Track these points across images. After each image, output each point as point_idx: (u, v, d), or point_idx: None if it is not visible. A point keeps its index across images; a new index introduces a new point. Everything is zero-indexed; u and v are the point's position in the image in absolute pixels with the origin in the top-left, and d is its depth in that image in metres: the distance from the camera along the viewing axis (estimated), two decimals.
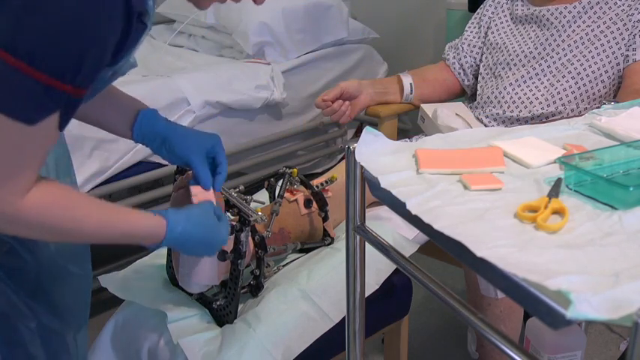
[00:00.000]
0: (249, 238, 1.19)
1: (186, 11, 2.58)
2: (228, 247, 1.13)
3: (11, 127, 0.68)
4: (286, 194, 1.35)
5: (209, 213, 0.99)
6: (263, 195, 1.44)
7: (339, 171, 1.46)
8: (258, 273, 1.23)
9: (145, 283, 1.29)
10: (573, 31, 1.65)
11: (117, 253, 2.09)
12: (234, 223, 1.13)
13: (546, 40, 1.67)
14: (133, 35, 0.74)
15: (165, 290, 1.28)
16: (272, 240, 1.29)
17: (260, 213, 1.15)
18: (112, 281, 1.29)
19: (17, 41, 0.66)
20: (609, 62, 1.60)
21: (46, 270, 0.93)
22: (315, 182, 1.39)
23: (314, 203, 1.35)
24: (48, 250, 0.94)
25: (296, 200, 1.35)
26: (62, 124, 0.73)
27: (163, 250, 1.37)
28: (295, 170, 1.37)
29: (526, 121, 1.65)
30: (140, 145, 1.92)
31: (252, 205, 1.25)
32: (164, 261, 1.33)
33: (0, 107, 0.67)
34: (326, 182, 1.39)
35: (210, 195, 1.08)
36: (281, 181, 1.37)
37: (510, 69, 1.71)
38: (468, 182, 0.83)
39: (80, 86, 0.70)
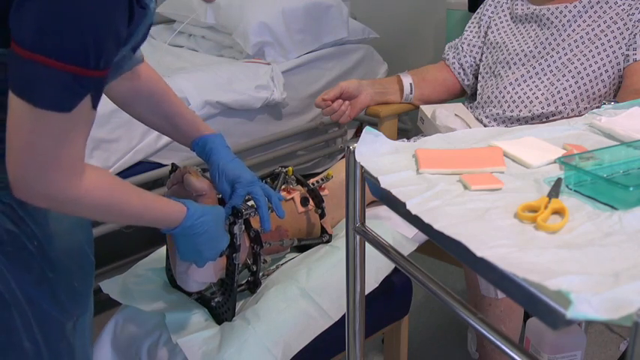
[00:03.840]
0: (245, 235, 1.20)
1: (186, 11, 2.57)
2: None
3: (52, 118, 0.77)
4: (282, 193, 1.35)
5: (222, 216, 1.10)
6: None
7: (336, 169, 1.47)
8: (255, 269, 1.24)
9: (144, 287, 1.30)
10: (573, 30, 1.65)
11: (116, 254, 2.09)
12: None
13: (546, 39, 1.67)
14: (135, 19, 0.82)
15: (164, 292, 1.28)
16: (268, 237, 1.29)
17: (253, 207, 1.15)
18: (112, 286, 1.29)
19: (44, 41, 0.74)
20: (609, 62, 1.60)
21: (50, 260, 0.93)
22: (311, 180, 1.39)
23: (310, 201, 1.36)
24: (53, 240, 0.94)
25: (292, 199, 1.35)
26: (94, 103, 0.81)
27: (162, 253, 1.37)
28: (291, 169, 1.37)
29: (526, 121, 1.65)
30: (140, 145, 1.95)
31: (249, 203, 1.26)
32: (163, 264, 1.33)
33: (38, 103, 0.76)
34: (322, 180, 1.39)
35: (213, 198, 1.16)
36: (277, 180, 1.37)
37: (510, 68, 1.71)
38: (468, 182, 0.83)
39: (104, 68, 0.79)
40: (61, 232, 0.95)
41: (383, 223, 1.38)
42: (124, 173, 1.95)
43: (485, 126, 1.69)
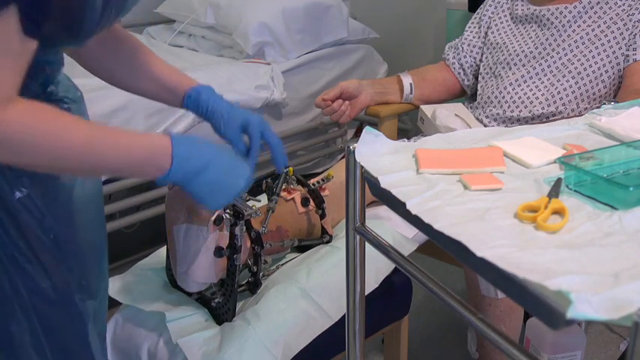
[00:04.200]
0: (246, 235, 1.20)
1: (186, 11, 2.58)
2: (224, 242, 1.14)
3: None
4: (283, 193, 1.35)
5: (224, 144, 0.97)
6: (262, 197, 1.44)
7: (336, 169, 1.47)
8: (255, 270, 1.24)
9: (144, 286, 1.30)
10: (573, 30, 1.65)
11: (116, 254, 2.09)
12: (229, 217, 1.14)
13: (546, 39, 1.67)
14: None
15: (165, 292, 1.28)
16: (269, 237, 1.29)
17: (254, 207, 1.15)
18: (112, 285, 1.29)
19: None
20: (609, 62, 1.60)
21: (65, 255, 0.91)
22: (312, 181, 1.39)
23: (311, 201, 1.36)
24: (74, 234, 0.92)
25: (293, 199, 1.35)
26: (27, 27, 0.68)
27: (162, 253, 1.37)
28: (291, 169, 1.37)
29: (526, 121, 1.65)
30: None
31: (249, 203, 1.26)
32: (163, 264, 1.33)
33: None
34: (322, 180, 1.39)
35: None
36: (278, 180, 1.37)
37: (510, 69, 1.71)
38: (468, 182, 0.83)
39: None
40: (82, 224, 0.92)
41: (383, 223, 1.38)
42: None
43: (485, 126, 1.69)
